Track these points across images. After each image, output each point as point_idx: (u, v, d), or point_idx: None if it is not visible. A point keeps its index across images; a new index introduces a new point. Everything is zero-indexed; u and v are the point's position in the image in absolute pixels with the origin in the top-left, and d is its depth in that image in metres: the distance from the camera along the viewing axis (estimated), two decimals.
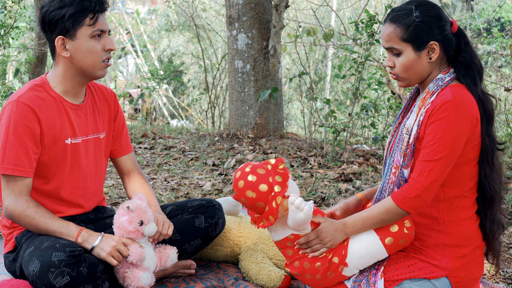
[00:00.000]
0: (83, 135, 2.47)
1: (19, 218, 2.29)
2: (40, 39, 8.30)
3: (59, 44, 2.34)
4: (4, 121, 2.31)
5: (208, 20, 11.59)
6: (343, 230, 2.14)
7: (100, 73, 2.40)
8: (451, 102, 2.02)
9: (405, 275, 2.11)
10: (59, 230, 2.28)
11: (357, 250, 2.13)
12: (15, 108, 2.30)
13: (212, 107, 9.67)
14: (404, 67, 2.13)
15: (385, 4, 5.24)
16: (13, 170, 2.28)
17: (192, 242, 2.59)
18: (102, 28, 2.36)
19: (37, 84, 2.40)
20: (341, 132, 5.57)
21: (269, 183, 2.11)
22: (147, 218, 2.35)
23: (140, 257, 2.30)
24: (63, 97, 2.41)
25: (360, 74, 5.44)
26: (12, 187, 2.29)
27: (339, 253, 2.14)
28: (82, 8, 2.31)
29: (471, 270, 2.14)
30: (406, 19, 2.10)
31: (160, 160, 5.39)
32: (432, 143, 2.03)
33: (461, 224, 2.12)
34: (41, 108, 2.34)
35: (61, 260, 2.13)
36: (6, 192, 2.30)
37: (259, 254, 2.72)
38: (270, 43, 5.94)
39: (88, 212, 2.55)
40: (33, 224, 2.28)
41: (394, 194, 2.09)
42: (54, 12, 2.32)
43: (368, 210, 2.13)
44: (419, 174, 2.05)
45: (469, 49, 2.14)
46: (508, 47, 7.11)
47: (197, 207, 2.62)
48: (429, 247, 2.13)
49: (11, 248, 2.44)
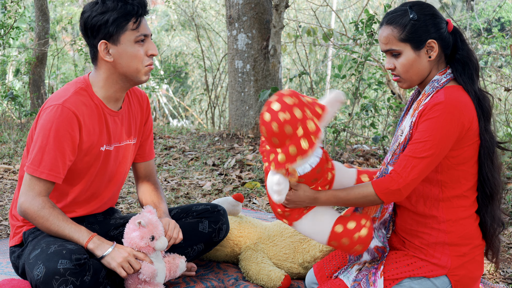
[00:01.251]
0: (116, 142, 2.46)
1: (32, 217, 2.27)
2: (40, 39, 8.30)
3: (102, 48, 2.31)
4: (46, 123, 2.28)
5: (208, 20, 11.59)
6: (313, 203, 2.13)
7: (144, 78, 2.38)
8: (443, 103, 2.03)
9: (404, 273, 2.12)
10: (70, 234, 2.27)
11: (305, 225, 2.14)
12: (59, 112, 2.27)
13: (212, 107, 9.67)
14: (404, 67, 2.13)
15: (384, 4, 5.24)
16: (48, 175, 2.26)
17: (194, 247, 2.58)
18: (146, 32, 2.34)
19: (81, 87, 2.36)
20: (341, 132, 5.57)
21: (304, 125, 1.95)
22: (158, 233, 2.33)
23: (152, 275, 2.29)
24: (104, 103, 2.39)
25: (360, 74, 5.44)
26: (33, 187, 2.28)
27: (293, 214, 2.13)
28: (125, 12, 2.29)
29: (471, 269, 2.14)
30: (402, 19, 2.11)
31: (160, 160, 5.39)
32: (419, 140, 2.04)
33: (461, 223, 2.12)
34: (84, 116, 2.32)
35: (66, 269, 2.12)
36: (26, 190, 2.28)
37: (259, 254, 2.73)
38: (270, 43, 5.94)
39: (98, 214, 2.55)
40: (46, 225, 2.27)
41: (375, 182, 2.08)
42: (97, 17, 2.29)
43: (345, 191, 2.12)
44: (403, 168, 2.05)
45: (465, 47, 2.15)
46: (508, 47, 7.11)
47: (202, 212, 2.61)
48: (429, 246, 2.13)
49: (17, 242, 2.43)
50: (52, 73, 9.44)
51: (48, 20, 8.45)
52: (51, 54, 9.17)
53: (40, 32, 8.33)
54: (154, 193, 2.60)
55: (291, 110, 1.92)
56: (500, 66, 9.14)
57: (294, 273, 2.72)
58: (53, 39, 9.78)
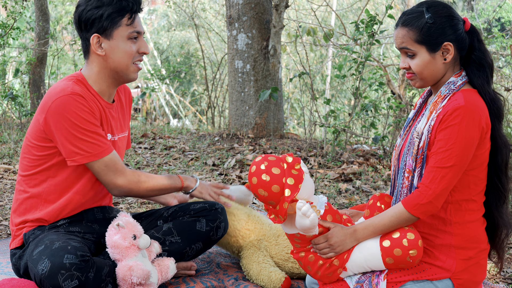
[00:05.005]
0: (118, 133, 2.52)
1: (137, 188, 2.41)
2: (40, 39, 8.29)
3: (95, 42, 2.34)
4: (66, 115, 2.28)
5: (207, 20, 11.58)
6: (353, 236, 2.13)
7: (133, 76, 2.42)
8: (463, 108, 2.01)
9: (408, 276, 2.11)
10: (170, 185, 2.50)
11: (357, 258, 2.13)
12: (72, 100, 2.29)
13: (212, 107, 9.67)
14: (419, 68, 2.11)
15: (385, 4, 5.24)
16: (105, 150, 2.34)
17: (193, 246, 2.58)
18: (139, 29, 2.37)
19: (78, 79, 2.39)
20: (341, 132, 5.57)
21: (282, 185, 2.11)
22: (139, 231, 2.35)
23: (146, 276, 2.29)
24: (99, 95, 2.43)
25: (360, 74, 5.44)
26: (109, 168, 2.35)
27: (341, 256, 2.14)
28: (120, 8, 2.32)
29: (475, 273, 2.13)
30: (418, 21, 2.08)
31: (160, 160, 5.39)
32: (444, 149, 2.02)
33: (468, 226, 2.11)
34: (91, 101, 2.36)
35: (72, 263, 2.13)
36: (113, 173, 2.35)
37: (261, 253, 2.72)
38: (270, 43, 5.94)
39: (96, 212, 2.56)
40: (149, 187, 2.42)
41: (405, 200, 2.08)
42: (92, 11, 2.32)
43: (379, 217, 2.12)
44: (431, 181, 2.03)
45: (482, 47, 2.12)
46: (508, 47, 7.11)
47: (200, 210, 2.60)
48: (435, 247, 2.12)
49: (18, 244, 2.44)
50: (52, 73, 9.44)
51: (48, 20, 8.45)
52: (51, 54, 9.17)
53: (40, 32, 8.32)
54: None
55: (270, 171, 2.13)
56: (500, 67, 9.13)
57: (295, 274, 2.72)
58: (53, 39, 9.77)
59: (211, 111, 9.60)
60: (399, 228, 2.10)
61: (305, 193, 2.16)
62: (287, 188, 2.10)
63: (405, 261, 2.07)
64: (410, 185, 2.14)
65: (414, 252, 2.06)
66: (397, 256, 2.07)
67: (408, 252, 2.06)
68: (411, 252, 2.06)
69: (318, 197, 2.23)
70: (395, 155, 2.26)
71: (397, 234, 2.09)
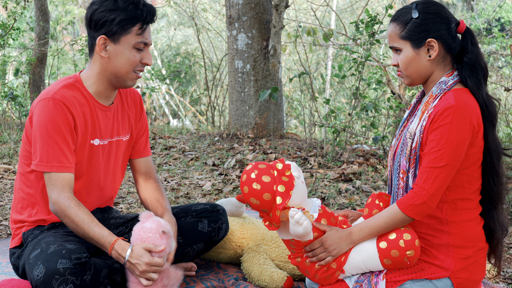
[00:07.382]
0: (108, 137, 2.47)
1: (61, 216, 2.27)
2: (40, 39, 8.29)
3: (100, 43, 2.33)
4: (40, 118, 2.29)
5: (208, 20, 11.58)
6: (349, 239, 2.14)
7: (130, 83, 2.40)
8: (454, 107, 2.01)
9: (407, 276, 2.11)
10: (95, 239, 2.23)
11: (355, 260, 2.14)
12: (51, 104, 2.28)
13: (212, 107, 9.67)
14: (404, 64, 2.14)
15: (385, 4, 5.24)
16: (58, 167, 2.27)
17: (194, 246, 2.58)
18: (147, 41, 2.36)
19: (71, 82, 2.38)
20: (341, 132, 5.57)
21: (273, 193, 2.11)
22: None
23: (180, 280, 2.34)
24: (95, 98, 2.41)
25: (360, 74, 5.44)
26: (53, 183, 2.28)
27: (339, 259, 2.15)
28: (133, 15, 2.30)
29: (474, 272, 2.13)
30: (405, 17, 2.12)
31: (160, 160, 5.39)
32: (436, 149, 2.03)
33: (465, 225, 2.11)
34: (74, 107, 2.33)
35: (66, 268, 2.12)
36: (49, 189, 2.29)
37: (262, 255, 2.72)
38: (270, 43, 5.94)
39: (95, 212, 2.55)
40: (72, 226, 2.26)
41: (399, 201, 2.08)
42: (104, 13, 2.30)
43: (374, 218, 2.12)
44: (424, 181, 2.04)
45: (476, 50, 2.13)
46: (508, 47, 7.11)
47: (201, 211, 2.61)
48: (433, 247, 2.12)
49: (17, 243, 2.44)
50: (52, 73, 9.44)
51: (48, 20, 8.45)
52: (51, 54, 9.17)
53: (40, 32, 8.32)
54: (157, 191, 2.60)
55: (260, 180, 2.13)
56: (500, 67, 9.13)
57: (297, 275, 2.71)
58: (53, 39, 9.77)
59: (211, 111, 9.60)
60: (394, 229, 2.10)
61: (297, 199, 2.17)
62: (278, 196, 2.11)
63: (403, 262, 2.08)
64: (405, 186, 2.14)
65: (411, 252, 2.06)
66: (395, 257, 2.07)
67: (405, 253, 2.06)
68: (408, 252, 2.06)
69: (312, 201, 2.23)
70: (390, 155, 2.27)
71: (394, 235, 2.09)
